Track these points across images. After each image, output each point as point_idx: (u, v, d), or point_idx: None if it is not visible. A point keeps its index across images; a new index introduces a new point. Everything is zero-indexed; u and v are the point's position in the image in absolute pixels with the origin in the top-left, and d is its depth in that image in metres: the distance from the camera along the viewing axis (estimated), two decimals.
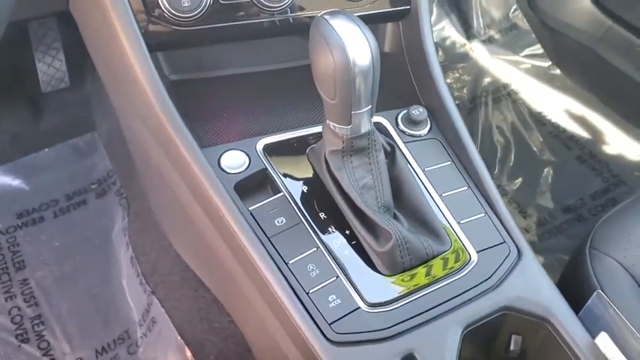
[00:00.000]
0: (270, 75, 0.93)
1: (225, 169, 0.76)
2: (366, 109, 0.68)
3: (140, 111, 0.80)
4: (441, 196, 0.78)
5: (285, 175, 0.77)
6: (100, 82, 1.07)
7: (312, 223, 0.74)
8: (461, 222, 0.77)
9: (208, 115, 0.83)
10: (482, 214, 0.78)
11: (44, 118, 1.36)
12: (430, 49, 0.85)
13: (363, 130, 0.70)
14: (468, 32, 1.79)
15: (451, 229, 0.76)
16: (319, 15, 0.67)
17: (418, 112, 0.83)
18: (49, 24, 1.28)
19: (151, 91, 0.76)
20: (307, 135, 0.81)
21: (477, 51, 1.77)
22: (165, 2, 0.76)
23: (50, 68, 1.31)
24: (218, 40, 0.83)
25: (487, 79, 1.71)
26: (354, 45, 0.64)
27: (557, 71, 1.68)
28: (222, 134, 0.81)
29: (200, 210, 0.76)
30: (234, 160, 0.77)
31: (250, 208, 0.73)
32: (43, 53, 1.30)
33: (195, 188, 0.75)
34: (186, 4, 0.77)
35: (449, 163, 0.82)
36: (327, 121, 0.70)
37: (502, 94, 1.68)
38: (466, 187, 0.80)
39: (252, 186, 0.76)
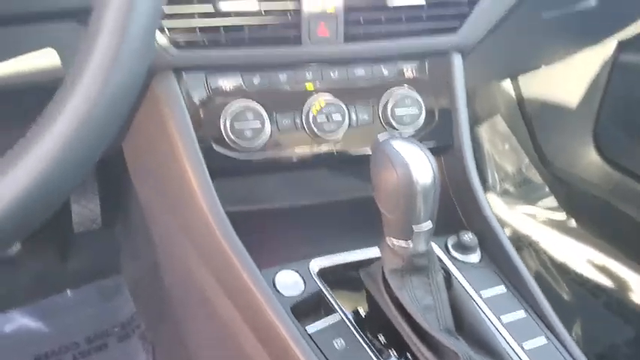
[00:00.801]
0: (320, 207, 0.95)
1: (280, 290, 0.75)
2: (426, 226, 0.69)
3: (197, 237, 0.81)
4: (500, 320, 0.77)
5: (340, 297, 0.76)
6: (129, 226, 1.09)
7: (373, 346, 0.72)
8: (524, 347, 0.75)
9: (260, 238, 0.84)
10: (546, 341, 0.76)
11: (71, 258, 1.36)
12: (475, 179, 0.89)
13: (423, 248, 0.71)
14: (484, 186, 1.86)
15: (514, 353, 0.74)
16: (381, 138, 0.71)
17: (469, 238, 0.85)
18: None
19: (213, 218, 0.77)
20: (361, 258, 0.81)
21: (494, 204, 1.82)
22: (229, 131, 0.81)
23: (84, 209, 1.34)
24: (276, 169, 0.86)
25: (507, 230, 1.74)
26: (416, 162, 0.67)
27: (574, 223, 1.72)
28: (275, 255, 0.81)
29: (253, 334, 0.74)
30: (289, 282, 0.76)
31: (309, 332, 0.72)
32: (79, 194, 1.34)
33: (254, 312, 0.73)
34: (249, 134, 0.81)
35: (504, 288, 0.81)
36: (387, 239, 0.71)
37: (524, 243, 1.70)
38: (524, 313, 0.79)
39: (307, 307, 0.75)
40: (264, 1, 0.77)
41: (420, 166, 0.67)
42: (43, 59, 0.74)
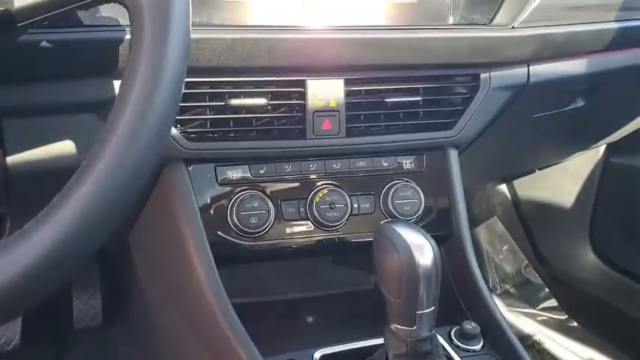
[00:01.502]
0: (323, 298, 0.96)
1: None
2: (429, 310, 0.70)
3: (201, 328, 0.81)
4: None
5: None
6: (129, 322, 1.08)
7: None
8: None
9: (264, 328, 0.84)
10: None
11: (70, 355, 1.34)
12: (475, 268, 0.91)
13: (427, 333, 0.71)
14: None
15: None
16: (382, 223, 0.74)
17: (471, 326, 0.85)
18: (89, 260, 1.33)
19: (218, 307, 0.78)
20: (364, 346, 0.81)
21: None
22: (236, 219, 0.83)
23: (86, 305, 1.33)
24: (280, 256, 0.88)
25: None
26: (418, 245, 0.69)
27: (575, 323, 1.71)
28: (279, 345, 0.81)
29: None
30: None
31: None
32: (81, 291, 1.34)
33: None
34: (255, 222, 0.84)
35: None
36: (390, 325, 0.72)
37: (526, 344, 1.68)
38: None
39: None
40: (272, 98, 0.82)
41: (422, 250, 0.69)
42: (61, 148, 0.78)
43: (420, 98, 0.88)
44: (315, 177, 0.88)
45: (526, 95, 0.96)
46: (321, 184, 0.88)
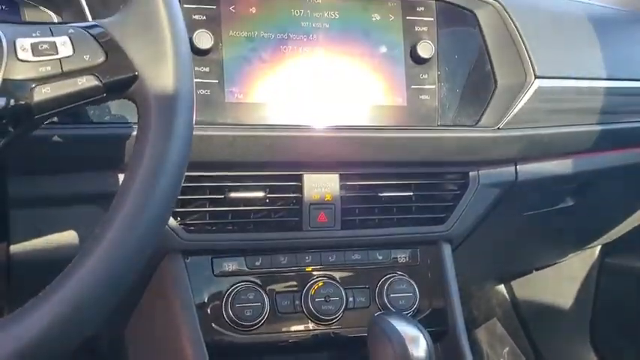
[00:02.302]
0: None
1: None
2: None
3: None
4: None
5: None
6: None
7: None
8: None
9: None
10: None
11: None
12: None
13: None
14: None
15: None
16: (377, 314, 0.74)
17: None
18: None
19: None
20: None
21: None
22: (230, 311, 0.84)
23: None
24: (274, 350, 0.88)
25: None
26: (413, 339, 0.70)
27: None
28: None
29: None
30: None
31: None
32: None
33: None
34: (249, 314, 0.84)
35: None
36: None
37: None
38: None
39: None
40: (270, 192, 0.86)
41: (417, 342, 0.70)
42: (63, 238, 0.80)
43: (412, 193, 0.91)
44: (310, 269, 0.90)
45: (515, 193, 1.00)
46: (317, 277, 0.89)
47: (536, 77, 0.90)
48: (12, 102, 0.49)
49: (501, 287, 1.80)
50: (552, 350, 1.69)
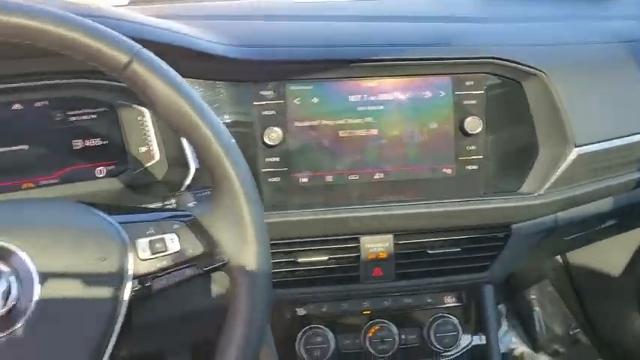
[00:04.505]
0: None
1: None
2: None
3: None
4: None
5: None
6: None
7: None
8: None
9: None
10: None
11: None
12: None
13: None
14: (535, 344, 1.97)
15: None
16: None
17: None
18: None
19: None
20: None
21: None
22: (302, 351, 1.02)
23: None
24: None
25: None
26: None
27: None
28: None
29: None
30: None
31: None
32: None
33: None
34: (317, 353, 1.02)
35: None
36: None
37: None
38: None
39: None
40: (332, 253, 1.00)
41: None
42: None
43: (459, 249, 1.03)
44: (368, 312, 1.06)
45: (556, 232, 1.09)
46: (374, 320, 1.05)
47: (576, 146, 0.97)
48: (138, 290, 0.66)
49: None
50: (601, 314, 1.81)
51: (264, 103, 0.94)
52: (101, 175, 0.98)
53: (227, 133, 0.67)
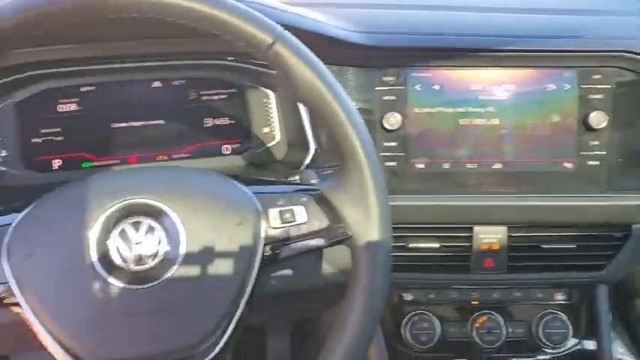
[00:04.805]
0: None
1: None
2: None
3: None
4: None
5: None
6: None
7: None
8: None
9: None
10: None
11: None
12: None
13: None
14: None
15: None
16: None
17: None
18: None
19: None
20: None
21: None
22: (408, 335, 1.04)
23: None
24: None
25: None
26: None
27: None
28: None
29: None
30: None
31: None
32: None
33: None
34: (423, 338, 1.04)
35: None
36: None
37: None
38: None
39: None
40: (444, 241, 1.01)
41: None
42: None
43: (574, 245, 1.01)
44: (476, 303, 1.06)
45: None
46: (481, 311, 1.05)
47: None
48: (268, 255, 0.70)
49: None
50: None
51: (385, 88, 0.96)
52: (227, 152, 1.04)
53: (358, 115, 0.70)
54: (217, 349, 0.68)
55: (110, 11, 0.64)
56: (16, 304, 0.64)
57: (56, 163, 0.97)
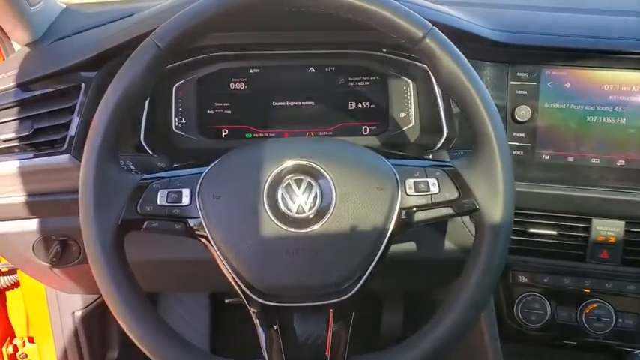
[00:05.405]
0: None
1: None
2: None
3: None
4: None
5: None
6: None
7: None
8: None
9: None
10: None
11: None
12: None
13: None
14: None
15: None
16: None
17: None
18: None
19: None
20: None
21: None
22: (520, 314, 1.12)
23: None
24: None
25: None
26: None
27: None
28: None
29: None
30: None
31: None
32: None
33: None
34: (533, 317, 1.11)
35: None
36: None
37: None
38: None
39: None
40: (562, 230, 1.08)
41: None
42: None
43: None
44: (588, 291, 1.12)
45: None
46: (592, 298, 1.11)
47: None
48: (404, 219, 0.82)
49: None
50: None
51: (519, 83, 1.04)
52: (365, 133, 1.17)
53: (494, 104, 0.80)
54: (354, 291, 0.80)
55: (292, 5, 0.79)
56: (204, 237, 0.80)
57: (224, 133, 1.15)
